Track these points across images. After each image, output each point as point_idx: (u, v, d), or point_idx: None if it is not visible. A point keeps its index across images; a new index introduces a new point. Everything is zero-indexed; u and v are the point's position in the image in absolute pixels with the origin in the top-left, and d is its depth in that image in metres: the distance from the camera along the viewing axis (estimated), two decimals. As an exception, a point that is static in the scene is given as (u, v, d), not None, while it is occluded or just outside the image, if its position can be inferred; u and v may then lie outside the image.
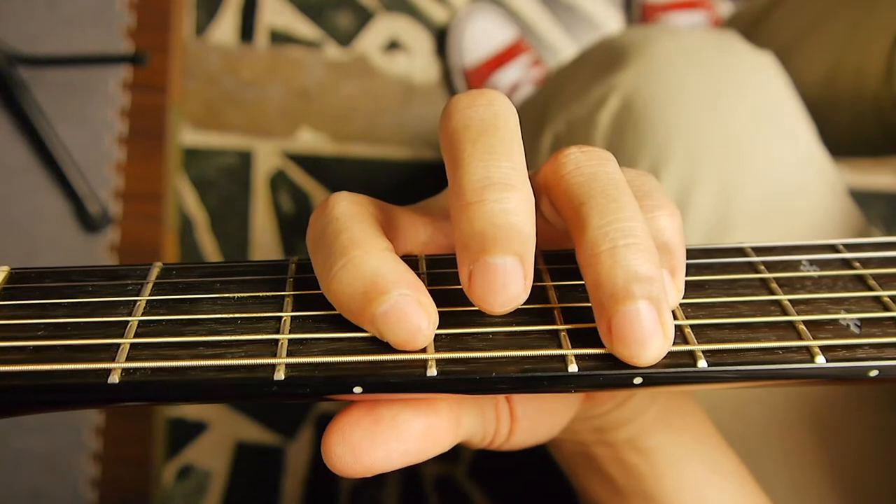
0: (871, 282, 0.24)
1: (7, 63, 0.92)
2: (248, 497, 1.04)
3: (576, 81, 0.59)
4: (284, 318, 0.23)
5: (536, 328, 0.22)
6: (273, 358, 0.21)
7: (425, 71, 1.10)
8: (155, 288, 0.24)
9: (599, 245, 0.21)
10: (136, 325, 0.22)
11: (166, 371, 0.21)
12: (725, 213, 0.50)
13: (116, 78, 1.00)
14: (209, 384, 0.21)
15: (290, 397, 0.21)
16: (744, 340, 0.22)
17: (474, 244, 0.21)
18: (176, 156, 1.05)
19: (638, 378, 0.21)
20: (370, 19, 1.10)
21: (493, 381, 0.21)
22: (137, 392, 0.21)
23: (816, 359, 0.22)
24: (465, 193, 0.21)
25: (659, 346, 0.21)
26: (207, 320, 0.23)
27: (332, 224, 0.23)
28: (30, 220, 0.96)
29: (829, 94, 0.59)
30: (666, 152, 0.51)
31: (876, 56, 0.57)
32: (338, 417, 0.22)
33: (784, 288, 0.24)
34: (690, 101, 0.51)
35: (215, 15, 1.08)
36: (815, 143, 0.54)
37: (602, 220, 0.21)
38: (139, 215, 1.00)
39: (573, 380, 0.21)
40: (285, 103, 1.08)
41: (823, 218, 0.52)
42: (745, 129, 0.51)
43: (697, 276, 0.25)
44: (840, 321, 0.23)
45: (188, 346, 0.22)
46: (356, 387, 0.21)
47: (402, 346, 0.21)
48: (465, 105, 0.23)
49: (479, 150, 0.22)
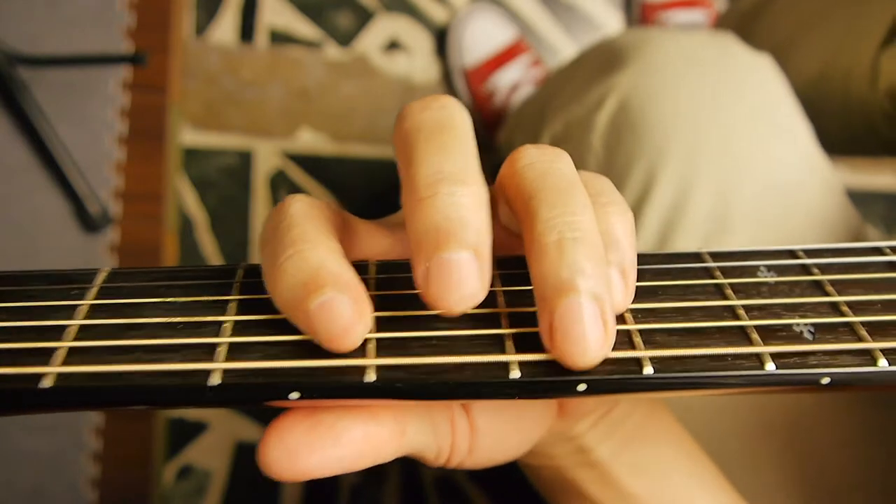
0: (828, 288, 0.24)
1: (7, 63, 0.92)
2: (248, 497, 1.04)
3: (574, 83, 0.59)
4: (226, 323, 0.22)
5: (481, 333, 0.22)
6: (209, 363, 0.21)
7: (425, 71, 1.10)
8: (100, 292, 0.23)
9: (546, 236, 0.21)
10: (75, 330, 0.22)
11: (101, 376, 0.21)
12: (723, 214, 0.50)
13: (116, 78, 1.00)
14: (144, 389, 0.21)
15: (227, 403, 0.21)
16: (693, 346, 0.22)
17: (429, 240, 0.20)
18: (176, 156, 1.05)
19: (582, 385, 0.21)
20: (370, 19, 1.10)
21: (433, 387, 0.21)
22: (71, 397, 0.21)
23: (766, 365, 0.21)
24: (418, 189, 0.21)
25: (599, 347, 0.20)
26: (148, 325, 0.22)
27: (284, 221, 0.23)
28: (30, 220, 0.96)
29: (819, 95, 0.59)
30: (664, 153, 0.51)
31: (863, 58, 0.57)
32: (276, 421, 0.22)
33: (739, 294, 0.24)
34: (688, 102, 0.51)
35: (215, 15, 1.08)
36: (812, 144, 0.54)
37: (550, 212, 0.21)
38: (139, 215, 1.00)
39: (515, 386, 0.21)
40: (285, 103, 1.08)
41: (820, 217, 0.52)
42: (743, 130, 0.51)
43: (652, 282, 0.24)
44: (793, 327, 0.22)
45: (126, 351, 0.21)
46: (293, 392, 0.21)
47: (330, 345, 0.21)
48: (419, 109, 0.23)
49: (431, 147, 0.22)
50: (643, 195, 0.51)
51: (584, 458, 0.31)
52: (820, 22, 0.65)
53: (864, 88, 0.58)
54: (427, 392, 0.21)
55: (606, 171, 0.54)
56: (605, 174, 0.54)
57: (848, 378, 0.21)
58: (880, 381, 0.21)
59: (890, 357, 0.21)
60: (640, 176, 0.51)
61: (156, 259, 1.00)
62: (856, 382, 0.21)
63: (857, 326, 0.22)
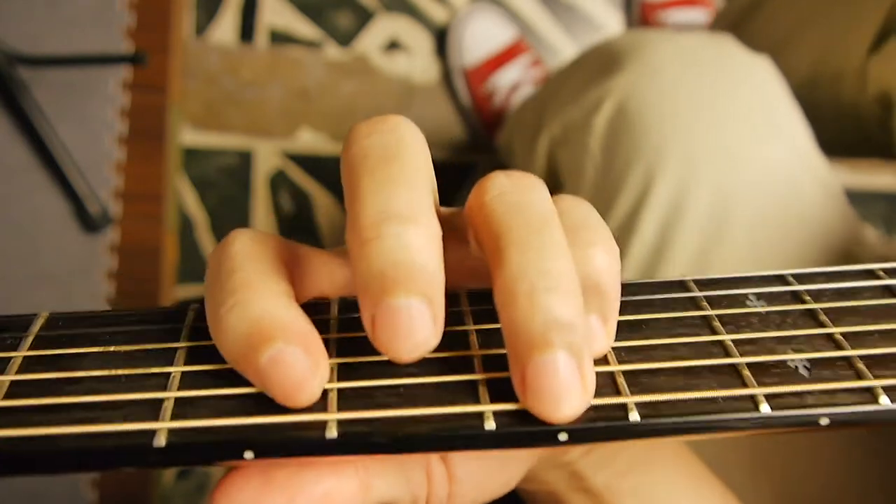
0: (822, 317, 0.22)
1: (7, 63, 0.92)
2: (247, 496, 1.04)
3: (571, 85, 0.59)
4: (174, 374, 0.20)
5: (453, 379, 0.20)
6: (154, 422, 0.19)
7: (425, 71, 1.09)
8: (35, 342, 0.21)
9: (516, 284, 0.19)
10: (7, 385, 0.20)
11: (34, 441, 0.19)
12: (721, 216, 0.50)
13: (116, 78, 1.00)
14: (82, 452, 0.19)
15: (175, 464, 0.19)
16: (682, 388, 0.20)
17: (374, 286, 0.19)
18: (176, 156, 1.05)
19: (563, 434, 0.19)
20: (370, 19, 1.10)
21: (402, 441, 0.19)
22: (2, 466, 0.19)
23: (761, 407, 0.19)
24: (362, 229, 0.19)
25: (576, 402, 0.19)
26: (87, 378, 0.20)
27: (226, 263, 0.21)
28: (30, 220, 0.96)
29: (811, 97, 0.59)
30: (662, 156, 0.51)
31: (852, 62, 0.57)
32: (225, 478, 0.20)
33: (728, 326, 0.22)
34: (686, 104, 0.51)
35: (215, 15, 1.08)
36: (810, 145, 0.54)
37: (522, 256, 0.19)
38: (139, 215, 1.00)
39: (491, 438, 0.19)
40: (285, 103, 1.08)
41: (818, 219, 0.52)
42: (741, 132, 0.51)
43: (634, 315, 0.22)
44: (788, 363, 0.21)
45: (62, 410, 0.19)
46: (247, 451, 0.19)
47: (285, 401, 0.19)
48: (366, 133, 0.21)
49: (377, 180, 0.20)
50: (641, 197, 0.51)
51: (579, 485, 0.30)
52: (810, 24, 0.64)
53: (855, 92, 0.58)
54: (395, 447, 0.19)
55: (604, 173, 0.54)
56: (603, 177, 0.54)
57: (848, 418, 0.20)
58: (882, 420, 0.20)
59: (891, 394, 0.20)
60: (638, 178, 0.51)
61: (156, 259, 1.00)
62: (856, 422, 0.20)
63: (854, 360, 0.21)
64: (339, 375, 0.20)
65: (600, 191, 0.54)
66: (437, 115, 1.09)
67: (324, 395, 0.20)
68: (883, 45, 0.55)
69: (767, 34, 0.70)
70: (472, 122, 1.08)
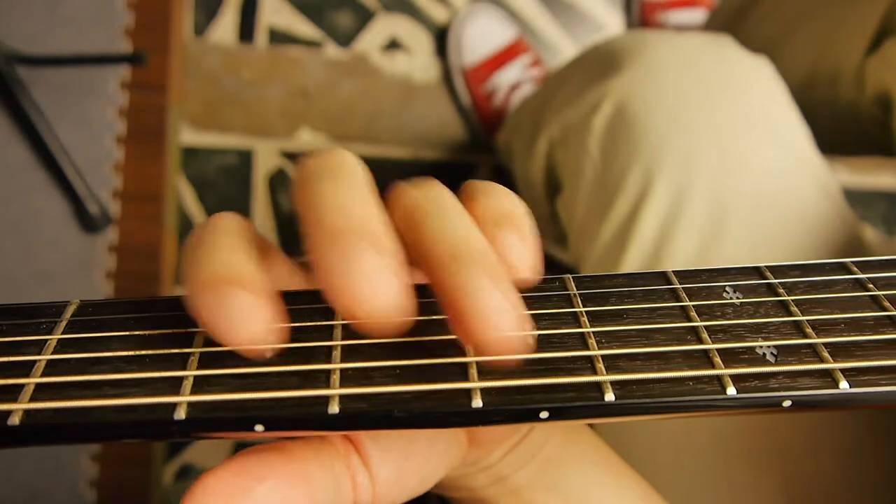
0: (793, 308, 0.24)
1: (7, 63, 0.92)
2: (247, 496, 1.04)
3: (570, 86, 0.59)
4: (192, 356, 0.22)
5: (446, 361, 0.22)
6: (175, 396, 0.21)
7: (425, 71, 1.09)
8: (68, 326, 0.24)
9: (437, 246, 0.21)
10: (43, 365, 0.22)
11: (68, 412, 0.21)
12: (720, 217, 0.50)
13: (116, 78, 1.00)
14: (109, 425, 0.21)
15: (194, 436, 0.21)
16: (655, 371, 0.21)
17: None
18: (176, 155, 1.05)
19: (544, 412, 0.21)
20: (370, 19, 1.10)
21: (396, 417, 0.21)
22: (38, 434, 0.21)
23: (728, 389, 0.21)
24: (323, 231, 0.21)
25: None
26: (115, 359, 0.22)
27: (208, 231, 0.23)
28: (30, 220, 0.96)
29: (809, 98, 0.59)
30: (660, 157, 0.51)
31: (849, 63, 0.57)
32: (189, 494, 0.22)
33: (703, 316, 0.23)
34: (684, 105, 0.51)
35: (215, 15, 1.08)
36: (808, 146, 0.54)
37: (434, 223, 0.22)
38: (139, 215, 1.00)
39: (477, 415, 0.21)
40: (285, 103, 1.08)
41: (816, 219, 0.52)
42: (739, 133, 0.51)
43: (618, 305, 0.24)
44: (756, 349, 0.22)
45: (93, 386, 0.21)
46: (258, 425, 0.21)
47: (227, 339, 0.21)
48: (313, 161, 0.23)
49: (324, 189, 0.22)
50: (640, 198, 0.51)
51: (504, 487, 0.31)
52: (804, 23, 0.64)
53: (853, 94, 0.58)
54: (391, 422, 0.21)
55: (603, 174, 0.54)
56: (602, 177, 0.54)
57: (809, 400, 0.21)
58: (842, 403, 0.21)
59: (851, 378, 0.21)
60: (636, 179, 0.51)
61: (155, 259, 1.00)
62: (818, 404, 0.21)
63: (819, 348, 0.22)
64: (342, 357, 0.22)
65: (599, 191, 0.54)
66: (436, 115, 1.09)
67: (328, 375, 0.22)
68: (881, 46, 0.55)
69: (761, 34, 0.70)
70: (472, 122, 1.08)
